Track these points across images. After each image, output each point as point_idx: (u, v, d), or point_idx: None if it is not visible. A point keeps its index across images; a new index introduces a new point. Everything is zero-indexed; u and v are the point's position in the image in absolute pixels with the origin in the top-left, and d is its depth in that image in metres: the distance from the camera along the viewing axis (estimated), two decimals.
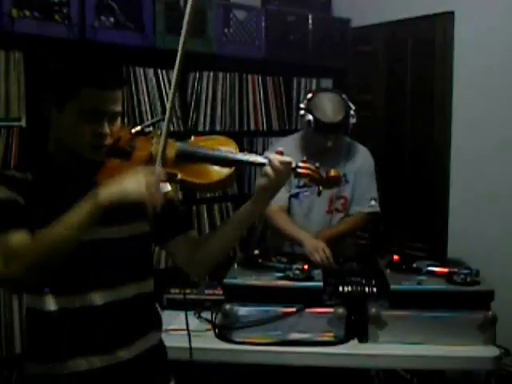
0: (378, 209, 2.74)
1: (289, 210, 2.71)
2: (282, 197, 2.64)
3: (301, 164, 1.45)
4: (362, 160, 2.74)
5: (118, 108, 1.39)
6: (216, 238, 1.56)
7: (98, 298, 1.42)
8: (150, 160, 1.39)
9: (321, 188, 1.49)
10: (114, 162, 1.41)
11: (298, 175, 1.45)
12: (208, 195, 3.15)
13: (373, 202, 2.73)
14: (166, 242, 1.59)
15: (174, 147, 1.44)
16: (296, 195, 2.70)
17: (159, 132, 1.44)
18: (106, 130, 1.37)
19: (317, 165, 1.47)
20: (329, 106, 2.53)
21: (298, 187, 2.68)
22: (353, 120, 2.57)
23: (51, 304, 1.40)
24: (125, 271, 1.47)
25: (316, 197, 2.63)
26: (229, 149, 1.48)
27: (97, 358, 1.42)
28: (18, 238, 1.30)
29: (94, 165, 1.39)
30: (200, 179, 1.42)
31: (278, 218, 2.64)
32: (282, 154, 1.44)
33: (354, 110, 2.59)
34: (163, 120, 1.42)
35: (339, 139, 2.61)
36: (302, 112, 2.58)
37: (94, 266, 1.41)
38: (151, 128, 1.54)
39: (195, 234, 1.64)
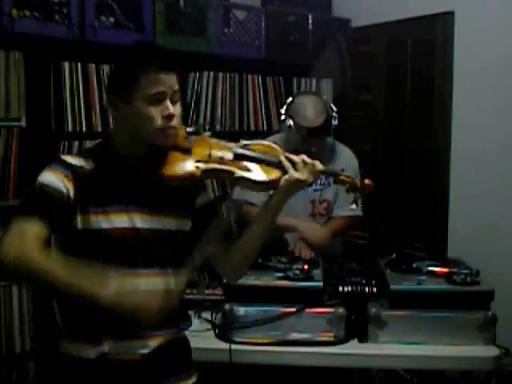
0: (358, 212, 2.58)
1: None
2: (261, 197, 2.63)
3: (342, 172, 1.63)
4: (345, 162, 2.66)
5: (176, 87, 1.50)
6: (245, 243, 1.62)
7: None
8: (209, 156, 1.51)
9: (357, 195, 1.66)
10: (176, 154, 1.51)
11: (341, 182, 1.64)
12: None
13: (353, 206, 2.67)
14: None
15: (231, 149, 1.56)
16: None
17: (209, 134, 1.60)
18: (172, 110, 1.47)
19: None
20: (309, 110, 2.49)
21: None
22: (335, 122, 2.54)
23: None
24: (165, 261, 1.53)
25: (297, 199, 2.61)
26: (276, 154, 1.58)
27: (119, 344, 1.47)
28: (34, 234, 1.36)
29: (158, 156, 1.49)
30: (255, 177, 1.52)
31: None
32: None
33: (336, 112, 2.55)
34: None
35: (322, 142, 2.57)
36: (282, 117, 2.55)
37: (139, 251, 1.48)
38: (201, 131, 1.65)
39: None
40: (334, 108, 2.56)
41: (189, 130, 1.58)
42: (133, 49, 1.56)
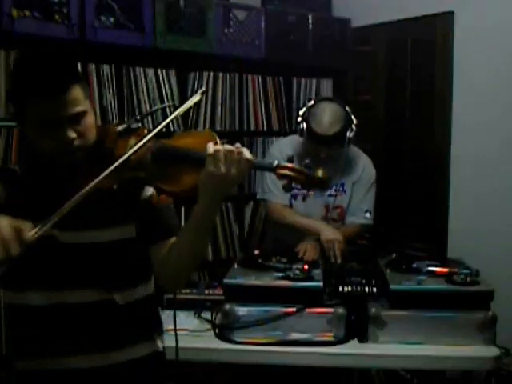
0: (371, 222, 2.73)
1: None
2: (282, 195, 2.63)
3: (282, 164, 1.35)
4: (362, 171, 2.71)
5: (78, 108, 1.28)
6: (178, 247, 1.43)
7: (76, 297, 1.38)
8: (127, 162, 1.28)
9: (306, 191, 1.40)
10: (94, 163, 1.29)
11: (278, 176, 1.35)
12: None
13: (367, 215, 2.71)
14: (148, 246, 1.47)
15: (150, 148, 1.34)
16: (295, 196, 2.68)
17: (146, 131, 1.38)
18: (70, 134, 1.27)
19: (306, 162, 1.36)
20: (325, 118, 2.49)
21: (296, 188, 2.66)
22: (350, 134, 2.52)
23: (37, 299, 1.38)
24: (115, 276, 1.41)
25: (312, 201, 2.65)
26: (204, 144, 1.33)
27: (83, 358, 1.40)
28: None
29: (83, 167, 1.30)
30: (174, 186, 1.33)
31: (288, 213, 2.66)
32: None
33: (355, 125, 2.54)
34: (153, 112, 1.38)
35: (334, 151, 2.56)
36: (299, 119, 2.55)
37: (81, 266, 1.38)
38: (139, 124, 1.42)
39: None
40: (355, 120, 2.54)
41: (120, 128, 1.37)
42: (19, 66, 1.31)
